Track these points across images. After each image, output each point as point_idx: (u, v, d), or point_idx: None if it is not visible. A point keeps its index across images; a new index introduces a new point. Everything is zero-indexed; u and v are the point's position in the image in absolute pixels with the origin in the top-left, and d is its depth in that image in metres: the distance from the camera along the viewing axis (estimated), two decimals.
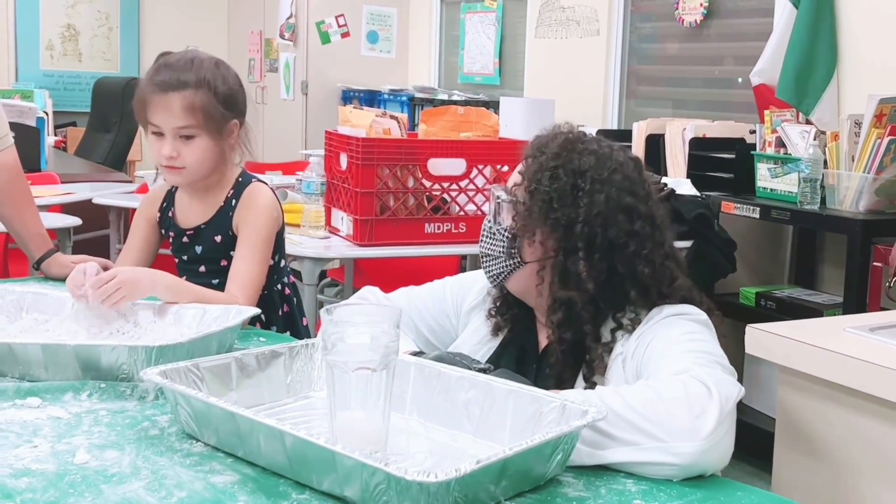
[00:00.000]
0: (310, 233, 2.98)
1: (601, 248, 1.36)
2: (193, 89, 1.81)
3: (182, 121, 1.81)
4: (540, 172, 1.39)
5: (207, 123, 1.83)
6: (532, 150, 1.44)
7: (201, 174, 1.88)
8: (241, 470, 1.12)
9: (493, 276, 1.47)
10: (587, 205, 1.36)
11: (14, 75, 6.81)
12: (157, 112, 1.82)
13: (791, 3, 3.57)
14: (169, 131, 1.82)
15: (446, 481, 0.95)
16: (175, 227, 1.98)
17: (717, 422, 1.12)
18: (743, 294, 3.41)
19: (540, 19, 5.20)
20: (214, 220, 1.93)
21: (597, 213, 1.36)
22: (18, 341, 1.43)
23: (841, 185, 3.08)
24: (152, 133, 1.85)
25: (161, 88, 1.81)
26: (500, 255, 1.44)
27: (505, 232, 1.43)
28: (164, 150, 1.82)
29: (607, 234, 1.36)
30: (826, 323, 1.88)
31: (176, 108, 1.80)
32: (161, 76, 1.82)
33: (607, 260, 1.37)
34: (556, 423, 1.14)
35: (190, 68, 1.83)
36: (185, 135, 1.82)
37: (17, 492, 1.03)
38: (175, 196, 2.00)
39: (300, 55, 6.25)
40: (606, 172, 1.39)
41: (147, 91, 1.83)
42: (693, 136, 3.71)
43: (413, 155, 2.91)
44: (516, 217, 1.41)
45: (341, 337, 1.13)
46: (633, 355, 1.34)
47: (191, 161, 1.84)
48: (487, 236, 1.47)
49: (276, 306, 2.00)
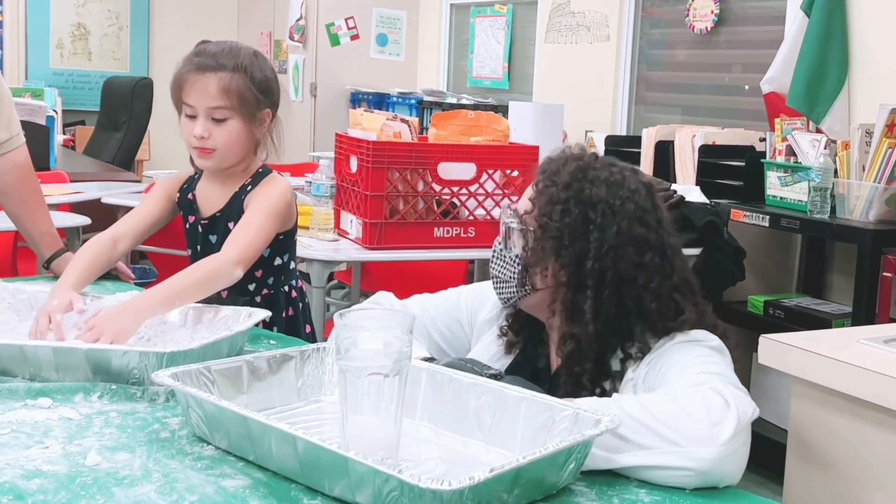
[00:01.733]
0: (319, 235, 2.98)
1: (611, 283, 1.35)
2: (230, 72, 1.82)
3: (216, 101, 1.82)
4: (550, 206, 1.38)
5: (241, 107, 1.84)
6: (543, 176, 1.42)
7: (231, 158, 1.87)
8: (252, 474, 1.11)
9: (504, 299, 1.46)
10: (598, 239, 1.35)
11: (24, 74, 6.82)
12: (193, 92, 1.83)
13: (803, 11, 3.56)
14: (202, 111, 1.82)
15: (460, 489, 0.95)
16: (195, 212, 1.96)
17: (735, 431, 1.12)
18: (751, 302, 3.40)
19: (550, 24, 5.20)
20: (228, 207, 1.92)
21: (608, 248, 1.35)
22: (30, 343, 1.44)
23: (851, 195, 3.07)
24: (186, 115, 1.86)
25: (198, 69, 1.82)
26: (511, 281, 1.43)
27: (516, 259, 1.42)
28: (196, 130, 1.82)
29: (617, 269, 1.35)
30: (839, 334, 1.87)
31: (211, 89, 1.81)
32: (199, 58, 1.84)
33: (616, 295, 1.35)
34: (568, 432, 1.14)
35: (228, 53, 1.85)
36: (217, 117, 1.83)
37: (29, 493, 1.03)
38: (198, 182, 1.98)
39: (309, 57, 6.25)
40: (618, 202, 1.37)
41: (184, 72, 1.84)
42: (703, 143, 3.70)
43: (423, 159, 2.90)
44: (526, 247, 1.40)
45: (354, 342, 1.13)
46: (645, 381, 1.33)
47: (221, 142, 1.84)
48: (498, 259, 1.45)
49: (280, 307, 1.99)
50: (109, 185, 4.23)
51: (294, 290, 2.02)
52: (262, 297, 1.95)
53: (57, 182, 4.05)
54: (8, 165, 2.04)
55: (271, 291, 1.95)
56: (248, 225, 1.82)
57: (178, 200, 1.99)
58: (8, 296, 1.72)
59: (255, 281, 1.94)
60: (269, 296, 1.95)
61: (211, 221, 1.94)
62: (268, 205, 1.86)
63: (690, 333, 1.36)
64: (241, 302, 1.90)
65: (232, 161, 1.89)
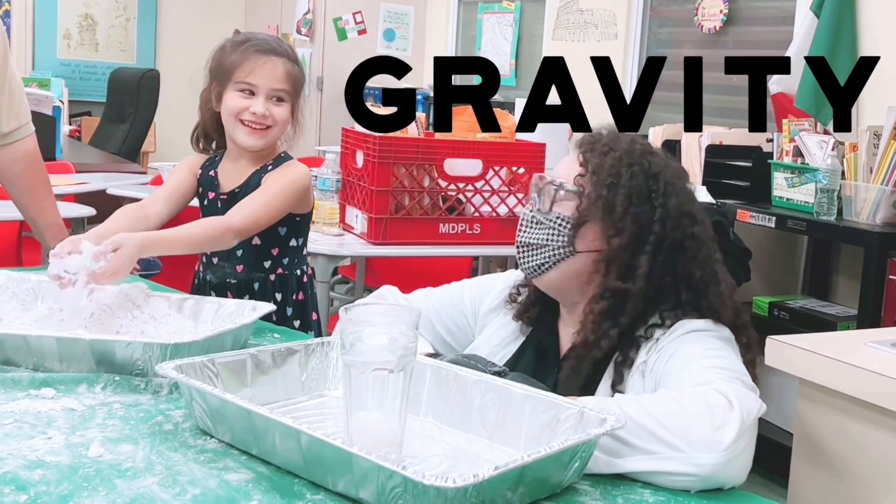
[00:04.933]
0: (324, 230, 2.98)
1: (668, 249, 1.39)
2: (292, 60, 1.95)
3: (281, 83, 1.92)
4: (617, 167, 1.40)
5: (296, 93, 1.95)
6: (597, 144, 1.44)
7: (277, 138, 1.96)
8: (255, 468, 1.11)
9: (533, 266, 1.45)
10: (661, 206, 1.39)
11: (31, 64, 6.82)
12: (257, 71, 1.90)
13: (812, 12, 3.55)
14: (265, 91, 1.90)
15: (464, 487, 0.94)
16: (216, 188, 2.01)
17: (738, 434, 1.11)
18: (756, 303, 3.38)
19: (558, 21, 5.19)
20: (247, 183, 1.96)
21: (671, 215, 1.39)
22: (33, 333, 1.43)
23: (858, 197, 3.06)
24: (238, 91, 1.91)
25: (264, 51, 1.91)
26: (549, 244, 1.43)
27: (562, 221, 1.42)
28: (258, 108, 1.90)
29: (675, 237, 1.39)
30: (847, 337, 1.87)
31: (279, 72, 1.91)
32: (260, 43, 1.93)
33: (670, 262, 1.39)
34: (573, 431, 1.13)
35: (283, 43, 1.98)
36: (278, 97, 1.92)
37: (31, 484, 1.03)
38: (220, 162, 2.03)
39: (316, 51, 6.24)
40: (674, 178, 1.42)
41: (246, 52, 1.91)
42: (709, 143, 3.69)
43: (430, 154, 2.90)
44: (580, 206, 1.41)
45: (359, 337, 1.12)
46: (654, 368, 1.33)
47: (281, 120, 1.93)
48: (531, 225, 1.45)
49: (292, 289, 2.02)
50: (115, 176, 4.23)
51: (305, 276, 2.06)
52: (276, 276, 1.99)
53: (62, 172, 4.05)
54: (17, 154, 2.04)
55: (285, 272, 2.01)
56: (258, 196, 1.89)
57: (200, 176, 2.03)
58: (13, 285, 1.71)
59: (272, 259, 1.98)
60: (282, 276, 2.00)
61: (230, 197, 1.98)
62: (282, 183, 1.92)
63: (702, 322, 1.36)
64: (257, 278, 1.94)
65: (276, 140, 1.97)
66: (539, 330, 1.50)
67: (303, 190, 1.95)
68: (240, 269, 1.97)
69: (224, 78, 1.92)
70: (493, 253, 3.22)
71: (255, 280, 1.97)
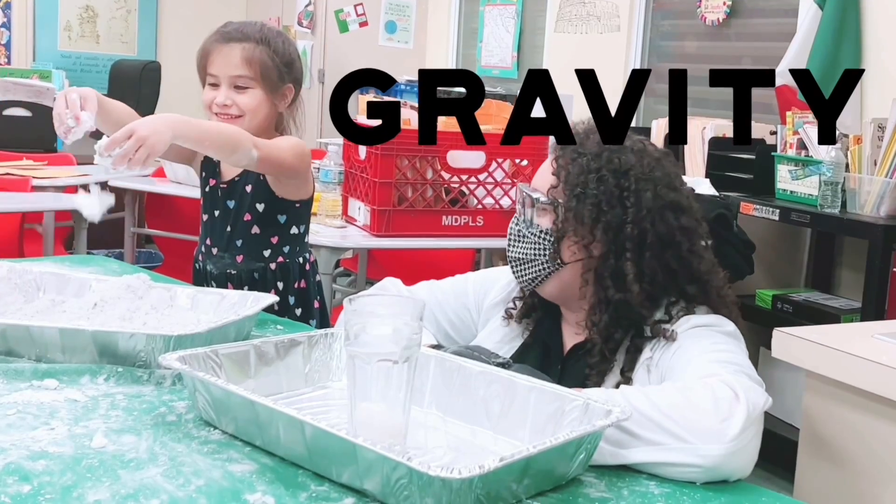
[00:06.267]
0: (326, 222, 2.97)
1: (652, 246, 1.36)
2: (254, 43, 1.88)
3: (238, 70, 1.87)
4: (584, 175, 1.37)
5: (264, 77, 1.88)
6: (566, 150, 1.42)
7: (254, 127, 1.89)
8: (259, 459, 1.10)
9: (528, 280, 1.44)
10: (634, 204, 1.36)
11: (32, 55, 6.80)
12: (216, 61, 1.87)
13: (816, 4, 3.53)
14: (225, 80, 1.87)
15: (469, 478, 0.94)
16: (217, 175, 1.99)
17: (744, 426, 1.10)
18: (759, 296, 3.38)
19: (560, 14, 5.17)
20: (247, 172, 1.93)
21: (646, 211, 1.35)
22: (36, 324, 1.43)
23: (862, 190, 3.05)
24: (209, 84, 1.90)
25: (224, 39, 1.88)
26: (537, 259, 1.41)
27: (543, 234, 1.40)
28: (219, 98, 1.87)
29: (657, 232, 1.36)
30: (854, 329, 1.86)
31: (235, 58, 1.87)
32: (225, 30, 1.90)
33: (658, 258, 1.36)
34: (578, 422, 1.12)
35: (254, 26, 1.92)
36: (240, 85, 1.88)
37: (35, 474, 1.02)
38: None
39: (318, 43, 6.23)
40: (647, 169, 1.38)
41: (210, 42, 1.90)
42: (713, 135, 3.68)
43: (432, 146, 2.89)
44: (558, 220, 1.39)
45: (363, 328, 1.12)
46: (659, 363, 1.32)
47: (245, 107, 1.87)
48: (518, 240, 1.44)
49: (294, 278, 2.01)
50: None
51: (307, 263, 2.05)
52: (276, 265, 1.98)
53: (64, 164, 4.04)
54: None
55: (286, 260, 1.99)
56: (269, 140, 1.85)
57: (204, 160, 2.00)
58: (15, 276, 1.71)
59: (272, 248, 1.97)
60: (283, 264, 1.98)
61: (230, 185, 1.97)
62: (286, 137, 1.92)
63: (707, 317, 1.35)
64: (257, 268, 1.93)
65: (255, 129, 1.89)
66: (542, 328, 1.49)
67: (305, 150, 1.91)
68: (240, 260, 1.96)
69: (201, 73, 1.93)
70: (496, 245, 3.21)
71: (255, 270, 1.96)
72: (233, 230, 1.97)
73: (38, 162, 3.96)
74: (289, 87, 1.94)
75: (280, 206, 1.94)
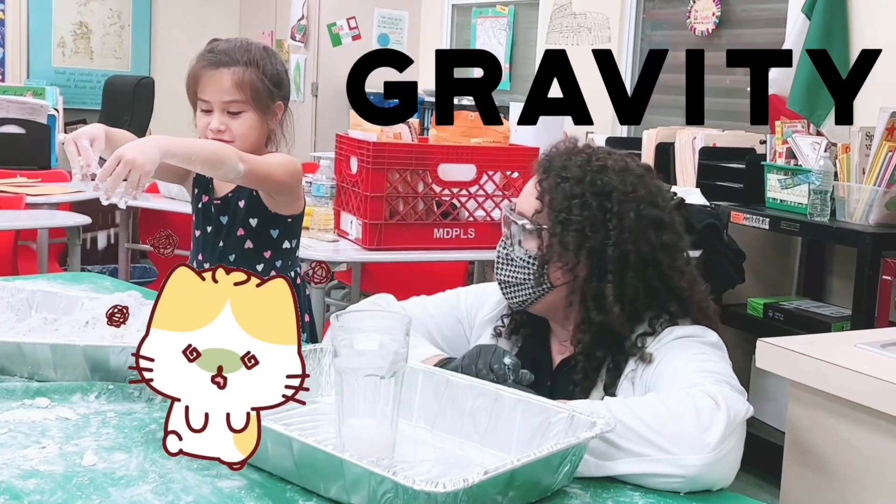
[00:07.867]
0: (318, 235, 2.98)
1: (634, 266, 1.36)
2: (243, 66, 1.89)
3: (230, 95, 1.88)
4: (568, 201, 1.38)
5: (255, 99, 1.90)
6: (550, 173, 1.42)
7: (247, 146, 1.91)
8: (247, 475, 1.11)
9: (517, 302, 1.45)
10: (616, 226, 1.36)
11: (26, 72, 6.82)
12: (208, 87, 1.89)
13: (804, 13, 3.56)
14: (217, 105, 1.89)
15: (454, 491, 0.95)
16: (210, 191, 2.01)
17: (724, 435, 1.12)
18: (751, 305, 3.40)
19: (551, 25, 5.20)
20: (240, 189, 1.95)
21: (628, 233, 1.36)
22: (27, 341, 1.44)
23: (851, 198, 3.07)
24: (202, 110, 1.92)
25: (212, 65, 1.89)
26: (526, 282, 1.42)
27: (531, 259, 1.42)
28: (213, 124, 1.89)
29: (639, 251, 1.36)
30: (837, 338, 1.87)
31: (226, 83, 1.88)
32: (213, 55, 1.90)
33: (640, 277, 1.36)
34: (563, 434, 1.14)
35: (240, 48, 1.92)
36: (232, 110, 1.90)
37: (25, 493, 1.04)
38: None
39: (311, 57, 6.25)
40: (630, 188, 1.38)
41: (198, 68, 1.91)
42: (703, 145, 3.70)
43: (424, 160, 2.91)
44: (542, 245, 1.40)
45: (350, 343, 1.13)
46: (643, 375, 1.33)
47: (238, 134, 1.89)
48: (506, 263, 1.44)
49: None
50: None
51: (298, 277, 2.06)
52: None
53: (58, 181, 4.05)
54: None
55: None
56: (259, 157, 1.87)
57: (196, 177, 2.02)
58: (7, 295, 1.72)
59: (265, 262, 1.98)
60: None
61: (223, 201, 1.99)
62: (278, 154, 1.94)
63: (690, 328, 1.36)
64: None
65: (248, 150, 1.90)
66: (531, 343, 1.51)
67: (296, 167, 1.93)
68: None
69: (192, 97, 1.94)
70: (488, 257, 3.22)
71: None
72: (225, 245, 1.98)
73: (32, 179, 3.97)
74: (279, 104, 1.96)
75: (273, 221, 1.96)
